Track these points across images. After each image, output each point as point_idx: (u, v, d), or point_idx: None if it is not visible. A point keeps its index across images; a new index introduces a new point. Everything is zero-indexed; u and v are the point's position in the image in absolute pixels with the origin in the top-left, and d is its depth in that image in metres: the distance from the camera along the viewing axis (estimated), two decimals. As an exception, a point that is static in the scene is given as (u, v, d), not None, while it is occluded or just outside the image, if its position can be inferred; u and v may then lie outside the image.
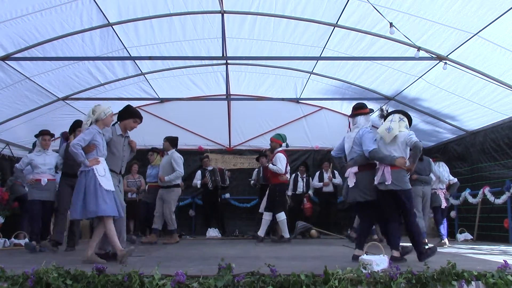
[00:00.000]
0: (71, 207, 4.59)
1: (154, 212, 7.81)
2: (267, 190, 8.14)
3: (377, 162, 4.77)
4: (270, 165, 7.82)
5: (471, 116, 8.12)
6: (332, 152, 5.31)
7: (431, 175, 7.23)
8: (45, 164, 6.41)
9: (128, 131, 5.17)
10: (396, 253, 4.55)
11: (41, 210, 6.29)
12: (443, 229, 7.52)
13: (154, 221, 7.70)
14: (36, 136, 6.62)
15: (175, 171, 7.64)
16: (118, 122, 5.10)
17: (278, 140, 8.10)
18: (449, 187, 7.79)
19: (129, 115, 5.07)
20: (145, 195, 8.69)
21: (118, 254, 4.43)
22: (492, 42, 5.96)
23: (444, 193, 7.63)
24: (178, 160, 7.74)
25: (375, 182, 4.70)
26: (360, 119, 4.97)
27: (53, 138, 6.75)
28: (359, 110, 5.03)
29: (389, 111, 4.96)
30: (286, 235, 7.83)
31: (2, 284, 3.02)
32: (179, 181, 7.86)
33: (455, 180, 7.80)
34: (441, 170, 7.61)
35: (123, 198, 5.20)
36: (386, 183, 4.56)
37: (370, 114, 5.15)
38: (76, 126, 6.14)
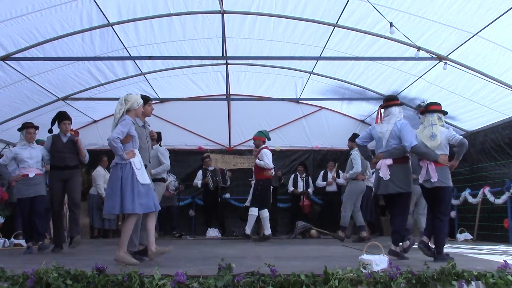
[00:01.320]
0: (106, 201, 4.33)
1: None
2: (252, 185, 8.17)
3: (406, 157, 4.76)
4: (257, 161, 7.83)
5: (471, 116, 8.12)
6: (357, 140, 5.18)
7: None
8: (31, 158, 5.98)
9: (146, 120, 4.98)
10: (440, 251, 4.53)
11: (30, 208, 5.87)
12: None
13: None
14: (20, 129, 6.18)
15: (161, 164, 7.43)
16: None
17: (261, 137, 8.11)
18: None
19: (144, 100, 4.74)
20: None
21: (121, 255, 4.28)
22: (492, 42, 5.96)
23: None
24: (164, 153, 7.46)
25: (420, 181, 4.67)
26: (395, 109, 4.90)
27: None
28: (393, 101, 4.97)
29: (425, 103, 4.87)
30: (268, 231, 7.87)
31: (2, 284, 3.02)
32: (164, 175, 7.73)
33: None
34: None
35: None
36: (432, 180, 4.53)
37: (402, 105, 5.03)
38: (61, 117, 6.01)
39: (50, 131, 6.12)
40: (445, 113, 4.84)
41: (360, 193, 7.83)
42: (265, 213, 7.85)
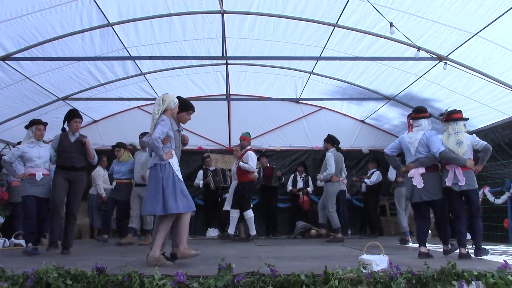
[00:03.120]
0: (147, 202, 4.23)
1: (130, 211, 7.45)
2: (234, 188, 8.09)
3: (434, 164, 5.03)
4: (241, 163, 7.78)
5: (471, 116, 8.06)
6: (386, 150, 5.36)
7: None
8: (39, 157, 5.69)
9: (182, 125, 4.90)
10: (463, 250, 4.81)
11: (35, 207, 5.57)
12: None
13: (132, 220, 7.41)
14: (27, 126, 5.87)
15: None
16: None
17: (248, 138, 8.10)
18: None
19: (183, 107, 4.69)
20: (113, 192, 8.02)
21: (182, 251, 4.20)
22: (492, 42, 5.96)
23: None
24: None
25: (448, 184, 4.91)
26: (424, 121, 5.15)
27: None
28: (422, 113, 5.19)
29: (448, 111, 5.15)
30: (253, 232, 7.86)
31: (2, 284, 3.02)
32: None
33: None
34: None
35: None
36: (460, 184, 4.84)
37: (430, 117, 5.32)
38: (73, 115, 5.81)
39: (63, 129, 5.87)
40: (466, 119, 5.12)
41: (335, 194, 7.85)
42: (250, 213, 7.83)
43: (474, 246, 5.00)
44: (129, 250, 6.18)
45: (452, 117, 5.04)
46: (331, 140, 7.98)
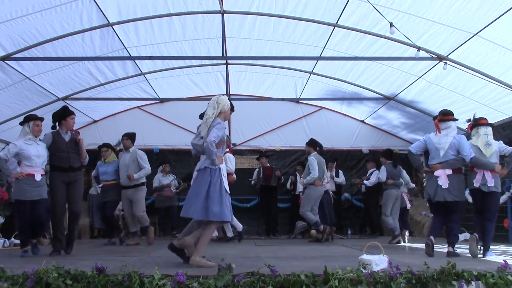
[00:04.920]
0: (188, 203, 4.17)
1: (124, 216, 7.42)
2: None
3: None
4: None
5: (471, 116, 8.09)
6: (411, 149, 5.46)
7: (401, 180, 7.90)
8: (38, 156, 5.21)
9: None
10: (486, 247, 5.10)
11: (31, 211, 5.18)
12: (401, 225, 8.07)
13: (130, 225, 7.41)
14: (23, 123, 5.35)
15: (142, 168, 7.20)
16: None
17: (227, 141, 8.08)
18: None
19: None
20: (101, 195, 7.74)
21: (197, 260, 4.06)
22: (492, 42, 5.96)
23: (407, 196, 8.35)
24: (144, 156, 7.31)
25: (476, 185, 5.15)
26: (452, 124, 5.31)
27: None
28: (451, 116, 5.35)
29: (476, 118, 5.48)
30: (230, 233, 7.83)
31: (2, 284, 3.02)
32: (144, 180, 7.43)
33: (413, 185, 8.83)
34: (404, 175, 8.24)
35: None
36: (489, 185, 5.10)
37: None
38: (68, 112, 5.47)
39: (54, 127, 5.48)
40: (492, 125, 5.44)
41: (318, 198, 7.83)
42: None
43: (483, 246, 5.16)
44: (129, 250, 6.18)
45: (481, 122, 5.35)
46: (313, 144, 7.96)
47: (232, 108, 4.65)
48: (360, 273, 3.00)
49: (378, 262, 3.43)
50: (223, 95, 4.54)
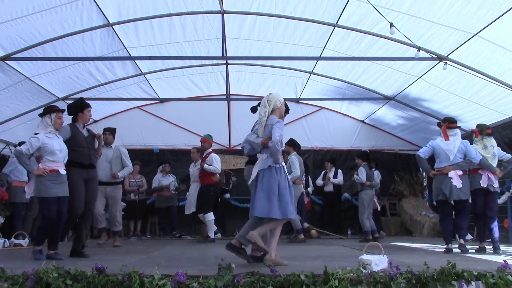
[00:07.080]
0: (259, 203, 4.12)
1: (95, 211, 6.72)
2: (198, 191, 7.87)
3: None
4: (206, 166, 7.63)
5: (471, 116, 8.11)
6: (420, 153, 5.88)
7: (378, 180, 8.64)
8: (61, 150, 4.80)
9: None
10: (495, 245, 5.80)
11: (57, 209, 4.75)
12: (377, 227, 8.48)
13: (97, 221, 6.85)
14: (42, 114, 4.96)
15: (124, 166, 6.92)
16: None
17: (209, 140, 8.05)
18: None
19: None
20: None
21: (274, 259, 4.08)
22: (492, 42, 5.96)
23: (376, 198, 8.77)
24: (127, 154, 7.03)
25: (483, 185, 5.77)
26: (457, 131, 5.86)
27: None
28: (456, 124, 5.88)
29: (481, 125, 6.04)
30: (212, 235, 7.73)
31: (2, 284, 3.02)
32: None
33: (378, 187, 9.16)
34: (375, 177, 8.67)
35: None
36: (494, 185, 5.83)
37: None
38: (85, 104, 5.23)
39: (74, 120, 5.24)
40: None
41: (298, 196, 7.85)
42: (211, 215, 7.68)
43: (492, 245, 5.85)
44: (129, 250, 6.18)
45: (488, 132, 5.94)
46: (293, 144, 8.04)
47: (287, 110, 4.65)
48: (360, 273, 3.00)
49: (378, 262, 3.42)
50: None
